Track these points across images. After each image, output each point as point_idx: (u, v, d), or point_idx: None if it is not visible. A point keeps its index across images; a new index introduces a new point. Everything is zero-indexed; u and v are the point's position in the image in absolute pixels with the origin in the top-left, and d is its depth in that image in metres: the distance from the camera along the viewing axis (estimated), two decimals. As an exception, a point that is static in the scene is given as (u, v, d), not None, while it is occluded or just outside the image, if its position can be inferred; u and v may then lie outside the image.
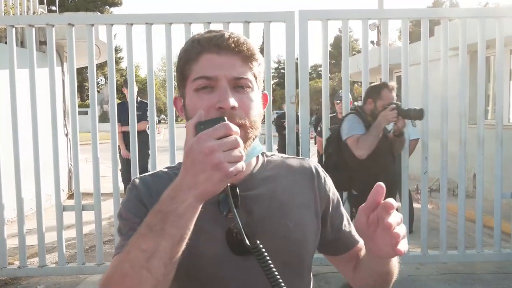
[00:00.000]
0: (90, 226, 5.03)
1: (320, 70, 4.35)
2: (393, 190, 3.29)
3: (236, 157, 0.75)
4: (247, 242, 0.83)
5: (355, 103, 4.69)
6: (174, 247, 0.77)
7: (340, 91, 4.47)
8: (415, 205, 5.32)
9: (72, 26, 3.67)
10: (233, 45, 0.90)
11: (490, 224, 4.31)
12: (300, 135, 3.85)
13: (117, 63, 40.92)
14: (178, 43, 3.85)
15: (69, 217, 3.99)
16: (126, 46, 3.72)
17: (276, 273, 0.82)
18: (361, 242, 1.10)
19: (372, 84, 3.40)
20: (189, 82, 0.93)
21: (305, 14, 3.70)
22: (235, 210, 0.83)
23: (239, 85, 0.91)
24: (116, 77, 3.86)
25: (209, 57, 0.90)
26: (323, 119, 3.88)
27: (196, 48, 0.92)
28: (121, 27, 3.77)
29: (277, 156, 1.11)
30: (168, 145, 3.79)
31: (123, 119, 4.63)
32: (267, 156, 1.08)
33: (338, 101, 6.06)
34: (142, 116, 5.37)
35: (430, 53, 3.92)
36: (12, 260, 4.09)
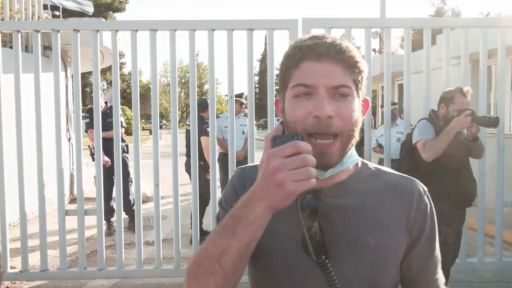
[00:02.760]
0: (92, 231, 5.05)
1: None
2: (467, 197, 3.23)
3: (303, 175, 0.76)
4: (313, 256, 0.85)
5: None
6: (242, 249, 0.84)
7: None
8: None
9: (78, 32, 3.70)
10: (333, 53, 0.90)
11: (491, 233, 4.31)
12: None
13: (120, 68, 40.91)
14: (182, 49, 3.90)
15: (71, 222, 4.00)
16: (131, 52, 3.74)
17: None
18: None
19: (447, 89, 3.35)
20: (289, 87, 0.94)
21: (309, 22, 3.73)
22: (304, 224, 0.84)
23: (338, 94, 0.90)
24: (119, 83, 3.89)
25: (309, 65, 0.91)
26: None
27: (297, 55, 0.93)
28: (123, 33, 3.81)
29: (377, 168, 1.06)
30: (169, 150, 3.80)
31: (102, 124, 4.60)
32: (367, 167, 1.05)
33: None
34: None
35: (432, 61, 3.94)
36: (13, 264, 4.10)
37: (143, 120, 37.14)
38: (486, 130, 3.83)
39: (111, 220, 5.77)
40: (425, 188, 1.04)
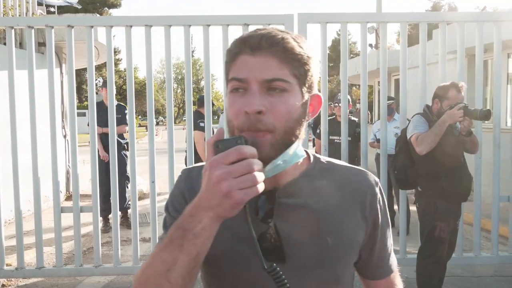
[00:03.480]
0: (88, 228, 5.04)
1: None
2: (463, 193, 3.23)
3: (249, 182, 0.73)
4: (264, 263, 0.81)
5: (357, 105, 4.68)
6: (191, 262, 0.80)
7: (339, 94, 4.48)
8: (412, 207, 5.33)
9: (72, 28, 3.68)
10: (266, 45, 0.85)
11: (487, 227, 4.32)
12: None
13: (115, 65, 40.88)
14: (177, 45, 3.88)
15: (67, 219, 3.99)
16: (126, 48, 3.72)
17: None
18: (394, 276, 1.07)
19: (441, 84, 3.34)
20: (228, 82, 0.91)
21: (304, 17, 3.71)
22: (253, 232, 0.81)
23: (273, 88, 0.85)
24: (114, 79, 3.87)
25: (244, 59, 0.87)
26: (321, 122, 3.89)
27: (234, 49, 0.89)
28: (119, 29, 3.78)
29: (331, 163, 1.03)
30: (166, 147, 3.80)
31: (99, 119, 4.59)
32: (319, 162, 1.02)
33: (337, 104, 6.09)
34: (122, 120, 5.38)
35: (428, 56, 3.93)
36: (9, 261, 4.08)
37: (139, 117, 37.08)
38: (482, 125, 3.84)
39: (109, 217, 5.75)
40: (377, 180, 1.02)
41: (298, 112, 0.88)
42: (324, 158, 1.03)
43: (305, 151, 1.01)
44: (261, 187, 0.75)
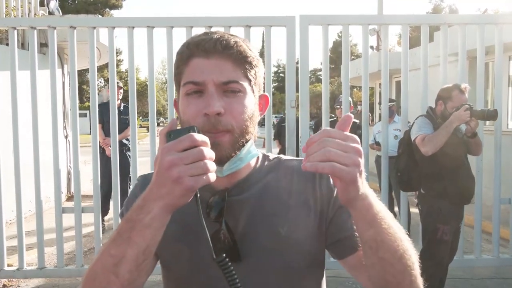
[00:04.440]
0: (89, 228, 5.04)
1: (319, 75, 4.40)
2: (465, 195, 3.23)
3: (200, 169, 0.73)
4: (213, 255, 0.80)
5: (358, 107, 4.68)
6: (139, 255, 0.78)
7: (341, 96, 4.48)
8: (412, 209, 5.32)
9: (74, 29, 3.69)
10: (221, 48, 0.88)
11: (488, 230, 4.32)
12: (300, 139, 3.86)
13: (117, 65, 40.72)
14: (179, 46, 3.89)
15: (68, 219, 3.99)
16: (128, 49, 3.73)
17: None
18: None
19: (444, 86, 3.34)
20: (181, 86, 0.92)
21: (306, 19, 3.72)
22: (203, 221, 0.79)
23: (228, 90, 0.88)
24: (117, 79, 3.88)
25: (197, 62, 0.89)
26: (322, 124, 3.89)
27: (185, 52, 0.91)
28: (121, 30, 3.79)
29: (278, 158, 1.06)
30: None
31: (106, 120, 4.59)
32: (268, 159, 1.05)
33: (338, 106, 6.08)
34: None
35: (430, 58, 3.94)
36: (10, 261, 4.09)
37: (140, 118, 37.09)
38: (483, 127, 3.84)
39: (104, 218, 5.73)
40: None
41: (252, 112, 0.92)
42: (273, 155, 1.06)
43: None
44: (212, 176, 0.74)
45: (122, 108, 5.67)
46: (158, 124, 35.96)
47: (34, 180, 3.69)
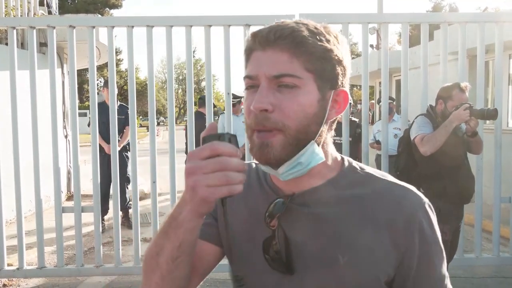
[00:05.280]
0: (89, 228, 5.04)
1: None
2: (465, 194, 3.23)
3: (218, 180, 0.69)
4: (234, 273, 0.79)
5: (358, 105, 4.66)
6: (174, 250, 0.80)
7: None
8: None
9: (73, 28, 3.68)
10: (273, 38, 0.80)
11: (488, 229, 4.32)
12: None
13: (117, 65, 40.70)
14: (179, 46, 3.89)
15: (68, 219, 3.99)
16: (127, 48, 3.73)
17: None
18: None
19: (444, 85, 3.32)
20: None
21: (306, 17, 3.69)
22: (228, 225, 0.78)
23: (281, 84, 0.80)
24: (115, 79, 3.87)
25: (256, 55, 0.83)
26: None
27: (247, 45, 0.86)
28: (121, 29, 3.78)
29: (368, 174, 0.90)
30: (167, 147, 3.79)
31: (102, 121, 4.58)
32: (353, 171, 0.90)
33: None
34: (126, 121, 5.15)
35: (430, 57, 3.93)
36: (10, 261, 4.09)
37: (140, 117, 37.09)
38: (483, 125, 3.83)
39: (104, 218, 5.73)
40: (424, 201, 0.87)
41: (313, 110, 0.82)
42: (363, 168, 0.91)
43: (342, 156, 0.93)
44: (236, 188, 0.70)
45: (117, 107, 5.64)
46: (158, 124, 36.04)
47: (34, 179, 3.69)
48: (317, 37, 0.81)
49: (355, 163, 0.93)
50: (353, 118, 6.10)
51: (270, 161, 0.81)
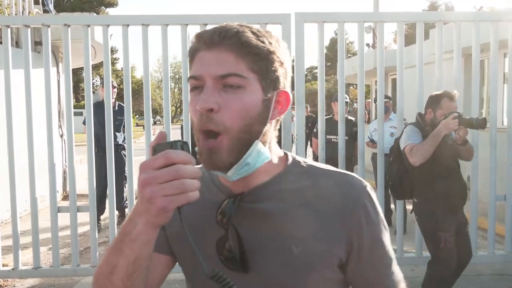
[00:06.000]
0: (85, 228, 5.02)
1: (315, 73, 4.37)
2: (458, 201, 3.20)
3: (174, 189, 0.69)
4: (205, 269, 0.76)
5: (354, 104, 4.67)
6: (129, 266, 0.78)
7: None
8: (409, 206, 5.34)
9: (68, 27, 3.66)
10: (218, 39, 0.80)
11: (484, 226, 4.34)
12: (295, 137, 3.85)
13: (113, 64, 40.74)
14: (174, 45, 3.89)
15: (63, 219, 3.97)
16: (122, 47, 3.71)
17: None
18: None
19: (433, 94, 3.28)
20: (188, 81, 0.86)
21: (302, 16, 3.71)
22: (190, 237, 0.75)
23: (227, 85, 0.80)
24: (111, 78, 3.86)
25: (200, 55, 0.83)
26: (318, 121, 3.89)
27: (192, 46, 0.86)
28: (116, 28, 3.77)
29: (312, 166, 0.93)
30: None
31: (98, 121, 4.53)
32: (298, 165, 0.93)
33: (336, 101, 6.07)
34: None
35: (425, 56, 3.94)
36: (5, 261, 4.07)
37: (136, 116, 37.00)
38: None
39: (100, 218, 5.71)
40: (364, 187, 0.90)
41: (258, 110, 0.83)
42: (306, 161, 0.94)
43: (285, 152, 0.95)
44: (192, 195, 0.70)
45: (117, 108, 5.62)
46: (155, 123, 36.03)
47: (29, 179, 3.67)
48: (260, 39, 0.82)
49: (298, 158, 0.95)
50: (350, 117, 6.12)
51: (219, 167, 0.82)
